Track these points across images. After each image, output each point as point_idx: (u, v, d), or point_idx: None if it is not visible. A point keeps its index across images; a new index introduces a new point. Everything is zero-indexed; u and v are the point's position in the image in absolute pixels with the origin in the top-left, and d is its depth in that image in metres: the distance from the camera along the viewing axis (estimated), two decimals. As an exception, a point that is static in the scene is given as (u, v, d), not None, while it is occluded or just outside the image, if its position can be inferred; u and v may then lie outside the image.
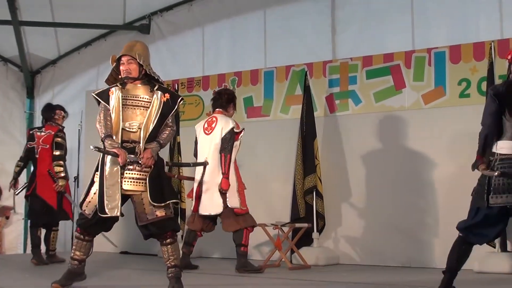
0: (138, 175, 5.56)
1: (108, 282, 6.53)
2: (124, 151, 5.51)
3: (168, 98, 5.74)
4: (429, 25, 8.42)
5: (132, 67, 5.70)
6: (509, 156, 5.08)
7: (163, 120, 5.71)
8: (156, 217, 5.49)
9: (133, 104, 5.69)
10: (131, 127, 5.64)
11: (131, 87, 5.75)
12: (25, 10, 10.11)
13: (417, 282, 6.61)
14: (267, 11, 9.69)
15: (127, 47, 5.77)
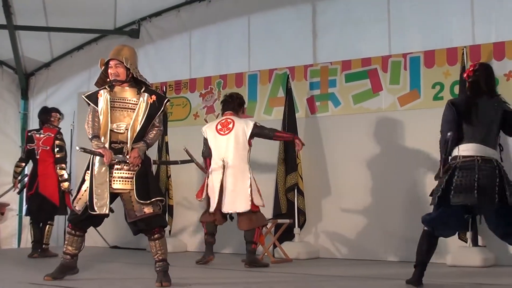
0: (127, 174, 5.56)
1: (99, 275, 6.49)
2: (109, 151, 5.51)
3: (154, 99, 5.71)
4: (405, 32, 8.44)
5: (119, 70, 5.67)
6: (471, 157, 5.16)
7: (150, 121, 5.68)
8: (144, 214, 5.48)
9: (120, 106, 5.67)
10: (118, 129, 5.63)
11: (118, 90, 5.72)
12: (19, 15, 10.06)
13: (394, 275, 6.61)
14: (251, 17, 9.67)
15: (115, 51, 5.74)
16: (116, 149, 5.59)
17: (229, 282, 6.20)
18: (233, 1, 9.83)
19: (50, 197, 8.57)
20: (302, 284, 6.07)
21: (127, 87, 5.75)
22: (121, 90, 5.73)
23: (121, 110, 5.66)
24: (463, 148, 5.23)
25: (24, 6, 9.88)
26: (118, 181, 5.56)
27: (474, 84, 5.42)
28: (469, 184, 5.07)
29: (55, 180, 8.64)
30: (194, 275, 6.57)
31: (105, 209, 5.49)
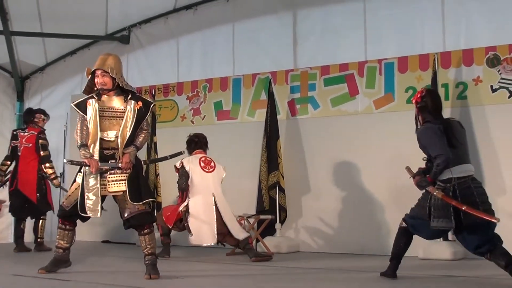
0: (120, 177, 5.58)
1: (91, 268, 6.47)
2: (95, 161, 5.52)
3: (141, 105, 5.70)
4: (380, 39, 8.46)
5: (105, 79, 5.64)
6: (465, 178, 5.14)
7: (138, 126, 5.69)
8: (136, 210, 5.50)
9: (109, 115, 5.66)
10: (109, 137, 5.64)
11: (106, 99, 5.70)
12: (15, 21, 9.99)
13: (369, 267, 6.63)
14: (235, 24, 9.66)
15: (100, 60, 5.69)
16: (109, 155, 5.62)
17: (214, 274, 6.19)
18: (218, 9, 9.81)
19: (28, 195, 8.51)
20: (283, 276, 6.07)
21: (114, 96, 5.72)
22: (109, 99, 5.71)
23: (110, 119, 5.66)
24: (459, 170, 5.16)
25: (20, 13, 9.81)
26: (113, 184, 5.57)
27: (423, 109, 5.44)
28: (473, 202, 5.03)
29: (34, 177, 8.56)
30: (181, 268, 6.55)
31: (98, 213, 5.57)
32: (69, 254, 5.92)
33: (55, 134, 10.76)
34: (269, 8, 9.42)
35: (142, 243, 5.62)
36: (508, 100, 7.55)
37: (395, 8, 8.36)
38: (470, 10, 7.88)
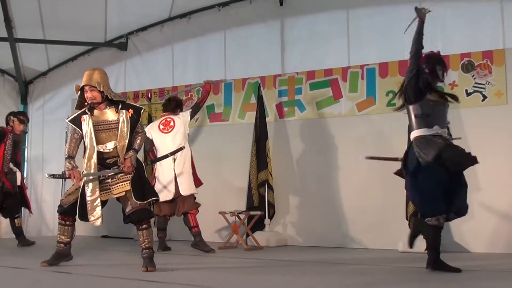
0: (123, 179, 5.58)
1: (91, 261, 6.43)
2: (78, 172, 5.56)
3: (132, 113, 5.69)
4: (362, 46, 8.47)
5: (94, 94, 5.62)
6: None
7: (133, 131, 5.68)
8: (138, 206, 5.50)
9: (105, 128, 5.66)
10: (108, 148, 5.65)
11: (99, 113, 5.69)
12: (19, 29, 9.95)
13: (353, 260, 6.65)
14: (226, 32, 9.64)
15: (86, 76, 5.66)
16: (111, 163, 5.64)
17: (207, 267, 6.17)
18: (211, 18, 9.80)
19: None
20: (272, 268, 6.06)
21: (106, 109, 5.70)
22: (101, 113, 5.70)
23: (106, 131, 5.66)
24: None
25: (24, 21, 9.78)
26: (117, 187, 5.58)
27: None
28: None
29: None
30: (175, 261, 6.53)
31: (99, 222, 5.59)
32: (70, 248, 5.91)
33: (57, 136, 10.75)
34: (258, 17, 9.41)
35: (140, 237, 5.61)
36: (482, 103, 7.58)
37: (376, 16, 8.38)
38: (447, 19, 7.90)
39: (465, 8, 7.84)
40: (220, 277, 5.32)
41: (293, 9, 9.15)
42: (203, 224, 7.77)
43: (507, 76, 7.49)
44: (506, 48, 7.55)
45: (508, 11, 7.57)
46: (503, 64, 7.53)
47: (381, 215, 7.95)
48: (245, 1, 9.51)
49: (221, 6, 9.68)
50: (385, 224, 7.87)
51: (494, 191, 7.29)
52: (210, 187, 8.71)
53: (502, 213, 7.16)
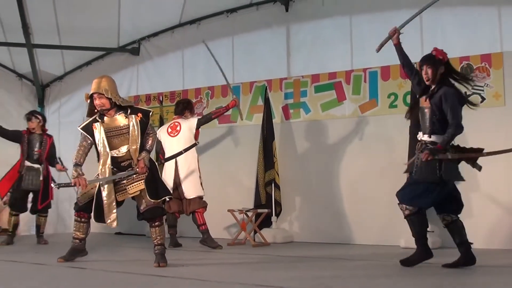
0: (137, 178, 5.61)
1: (105, 257, 6.46)
2: (83, 180, 5.54)
3: (141, 116, 5.68)
4: (365, 50, 8.44)
5: (103, 101, 5.62)
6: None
7: (143, 134, 5.69)
8: (152, 204, 5.53)
9: (116, 134, 5.67)
10: (122, 152, 5.66)
11: (109, 120, 5.69)
12: (37, 35, 9.99)
13: (355, 256, 6.64)
14: (234, 37, 9.66)
15: (95, 84, 5.66)
16: (126, 166, 5.67)
17: (215, 263, 6.18)
18: (219, 24, 9.81)
19: None
20: (279, 264, 6.06)
21: (116, 115, 5.70)
22: (112, 119, 5.70)
23: (118, 137, 5.67)
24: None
25: (41, 27, 9.82)
26: (132, 187, 5.60)
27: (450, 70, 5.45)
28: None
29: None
30: (186, 257, 6.55)
31: (115, 223, 5.64)
32: (85, 244, 5.94)
33: (73, 138, 10.71)
34: (264, 23, 9.42)
35: (152, 234, 5.64)
36: (481, 105, 7.52)
37: (378, 22, 8.35)
38: (446, 24, 7.89)
39: (464, 13, 7.81)
40: (228, 272, 5.33)
41: (298, 15, 9.14)
42: (212, 222, 7.78)
43: (505, 79, 7.47)
44: (504, 51, 7.52)
45: (505, 16, 7.55)
46: (501, 67, 7.51)
47: (384, 213, 7.93)
48: (252, 7, 9.52)
49: (229, 12, 9.69)
50: (387, 221, 7.85)
51: (492, 189, 7.27)
52: (219, 186, 8.74)
53: (500, 211, 7.15)
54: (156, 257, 5.56)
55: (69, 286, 4.57)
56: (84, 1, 9.29)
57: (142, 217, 5.66)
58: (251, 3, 9.49)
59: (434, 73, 5.30)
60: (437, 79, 5.29)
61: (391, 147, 7.94)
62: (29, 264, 5.90)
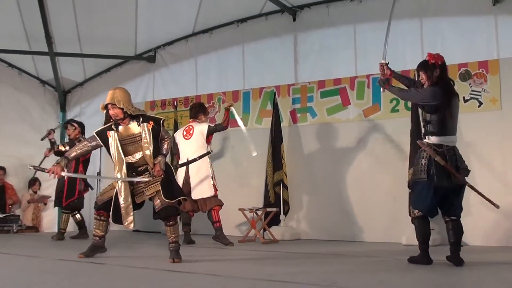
0: (154, 180, 5.63)
1: (123, 253, 6.47)
2: (58, 168, 5.57)
3: (153, 124, 5.67)
4: (368, 57, 8.43)
5: (116, 111, 5.63)
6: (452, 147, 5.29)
7: (157, 140, 5.69)
8: (167, 203, 5.55)
9: (131, 142, 5.68)
10: (137, 157, 5.69)
11: (123, 129, 5.71)
12: (59, 44, 10.05)
13: (360, 252, 6.63)
14: (245, 46, 9.67)
15: (108, 95, 5.68)
16: (142, 170, 5.69)
17: (227, 259, 6.19)
18: (231, 33, 9.83)
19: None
20: (287, 260, 6.05)
21: (129, 124, 5.71)
22: (126, 128, 5.71)
23: (132, 144, 5.68)
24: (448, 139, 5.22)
25: (63, 36, 9.88)
26: (148, 188, 5.63)
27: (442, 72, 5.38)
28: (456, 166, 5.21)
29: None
30: (199, 253, 6.55)
31: (132, 226, 5.66)
32: (104, 241, 5.96)
33: (92, 140, 10.78)
34: (273, 32, 9.42)
35: (167, 232, 5.67)
36: (478, 109, 7.54)
37: (380, 31, 8.25)
38: (445, 32, 7.87)
39: (462, 22, 7.80)
40: (239, 268, 5.33)
41: (305, 25, 9.14)
42: (224, 220, 7.79)
43: (501, 84, 7.45)
44: (500, 58, 7.50)
45: (502, 25, 7.53)
46: (497, 73, 7.48)
47: (386, 211, 7.92)
48: (261, 17, 9.52)
49: (240, 22, 9.70)
50: (389, 220, 7.84)
51: (490, 189, 7.17)
52: (231, 186, 8.74)
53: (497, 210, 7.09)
54: (171, 253, 5.57)
55: (89, 281, 4.58)
56: (103, 12, 9.35)
57: (157, 216, 5.68)
58: (260, 13, 9.50)
59: (429, 76, 5.31)
60: (434, 81, 5.30)
61: (393, 149, 7.93)
62: (51, 260, 5.93)
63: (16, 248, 6.97)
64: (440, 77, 5.32)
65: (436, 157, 5.11)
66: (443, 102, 5.18)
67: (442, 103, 5.18)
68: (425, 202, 5.21)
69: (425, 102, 5.24)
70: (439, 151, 5.16)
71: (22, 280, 4.52)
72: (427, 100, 5.21)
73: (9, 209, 10.27)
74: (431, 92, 5.21)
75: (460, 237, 5.21)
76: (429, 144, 5.21)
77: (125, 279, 4.70)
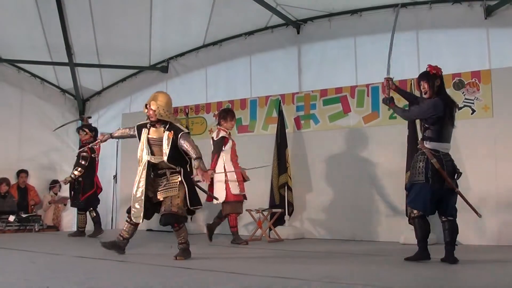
0: (169, 186, 5.64)
1: (138, 251, 6.44)
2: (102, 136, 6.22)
3: (172, 134, 5.65)
4: (367, 67, 8.45)
5: (151, 112, 5.69)
6: (447, 153, 5.29)
7: (175, 148, 5.64)
8: (169, 211, 5.56)
9: (155, 143, 5.73)
10: (156, 159, 5.70)
11: (154, 130, 5.76)
12: (78, 55, 10.11)
13: (360, 251, 6.61)
14: (252, 57, 9.69)
15: (150, 96, 5.77)
16: (161, 174, 5.70)
17: (234, 256, 6.18)
18: (238, 45, 9.85)
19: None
20: (291, 258, 6.05)
21: (158, 127, 5.74)
22: (156, 130, 5.76)
23: (156, 146, 5.72)
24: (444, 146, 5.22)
25: (82, 48, 9.93)
26: (160, 193, 5.66)
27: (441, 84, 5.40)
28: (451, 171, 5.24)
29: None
30: (209, 251, 6.56)
31: (140, 220, 5.69)
32: (126, 244, 5.95)
33: (109, 146, 10.82)
34: (278, 44, 9.44)
35: (175, 235, 5.69)
36: (471, 116, 7.53)
37: (379, 42, 8.33)
38: (440, 44, 7.87)
39: (456, 34, 7.80)
40: (246, 265, 5.32)
41: (308, 37, 9.16)
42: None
43: (493, 93, 7.45)
44: (492, 68, 7.50)
45: (493, 37, 7.53)
46: (489, 83, 7.47)
47: (385, 212, 7.92)
48: (267, 30, 9.54)
49: (247, 35, 9.73)
50: (388, 220, 7.83)
51: (482, 191, 7.21)
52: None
53: (489, 211, 7.07)
54: (178, 252, 5.62)
55: (104, 276, 4.59)
56: (120, 25, 9.39)
57: (163, 222, 5.69)
58: (266, 27, 9.52)
59: (430, 86, 5.34)
60: (435, 91, 5.30)
61: (391, 154, 7.91)
62: (69, 257, 5.91)
63: (38, 246, 6.98)
64: (441, 87, 5.33)
65: (433, 160, 5.10)
66: (445, 113, 5.18)
67: (444, 114, 5.18)
68: (424, 202, 5.20)
69: (428, 114, 5.22)
70: (436, 155, 5.16)
71: (44, 276, 4.53)
72: (430, 112, 5.20)
73: (31, 209, 10.31)
74: (433, 103, 5.21)
75: (455, 236, 5.19)
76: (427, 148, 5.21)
77: (141, 275, 4.69)
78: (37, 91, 11.14)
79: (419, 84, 5.47)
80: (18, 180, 10.44)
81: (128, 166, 10.22)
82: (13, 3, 8.67)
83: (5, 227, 9.26)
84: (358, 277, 4.49)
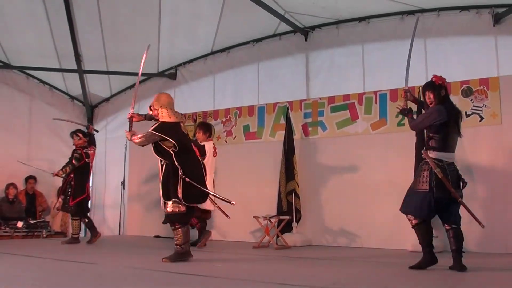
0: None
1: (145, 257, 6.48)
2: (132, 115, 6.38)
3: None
4: (375, 74, 8.46)
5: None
6: (451, 163, 5.29)
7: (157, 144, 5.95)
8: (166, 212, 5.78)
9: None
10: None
11: None
12: (87, 62, 10.16)
13: (368, 257, 6.60)
14: (260, 64, 9.72)
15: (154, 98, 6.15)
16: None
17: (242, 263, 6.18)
18: (246, 52, 9.89)
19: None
20: (299, 264, 6.05)
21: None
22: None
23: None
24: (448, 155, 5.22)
25: (90, 55, 9.99)
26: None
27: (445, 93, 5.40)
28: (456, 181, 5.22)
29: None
30: (214, 257, 6.56)
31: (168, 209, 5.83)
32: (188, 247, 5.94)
33: (118, 152, 10.91)
34: (286, 51, 9.47)
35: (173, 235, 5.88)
36: (479, 123, 7.51)
37: (387, 50, 8.38)
38: (448, 51, 7.87)
39: (464, 41, 7.80)
40: (253, 272, 5.33)
41: (316, 44, 9.18)
42: (240, 227, 7.82)
43: (501, 100, 7.43)
44: (500, 76, 7.48)
45: (501, 44, 7.52)
46: (497, 90, 7.46)
47: (393, 219, 7.87)
48: (275, 37, 9.58)
49: (255, 42, 9.77)
50: (396, 227, 7.80)
51: (489, 198, 7.20)
52: (246, 195, 8.74)
53: (496, 219, 7.05)
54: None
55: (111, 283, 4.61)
56: (128, 33, 9.45)
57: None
58: (274, 34, 9.55)
59: (435, 96, 5.37)
60: (440, 101, 5.32)
61: (398, 161, 7.90)
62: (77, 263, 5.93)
63: (46, 252, 7.01)
64: (446, 97, 5.36)
65: (436, 169, 5.10)
66: (449, 119, 5.19)
67: (449, 120, 5.19)
68: (424, 211, 5.20)
69: (432, 120, 5.23)
70: (440, 164, 5.15)
71: (52, 283, 4.55)
72: (434, 117, 5.21)
73: (39, 215, 10.37)
74: (436, 109, 5.24)
75: (461, 244, 5.18)
76: (430, 157, 5.21)
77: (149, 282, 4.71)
78: (46, 98, 11.22)
79: (424, 94, 5.50)
80: (26, 186, 10.51)
81: (136, 171, 10.29)
82: (23, 10, 8.75)
83: (13, 233, 9.32)
84: (365, 284, 4.49)
